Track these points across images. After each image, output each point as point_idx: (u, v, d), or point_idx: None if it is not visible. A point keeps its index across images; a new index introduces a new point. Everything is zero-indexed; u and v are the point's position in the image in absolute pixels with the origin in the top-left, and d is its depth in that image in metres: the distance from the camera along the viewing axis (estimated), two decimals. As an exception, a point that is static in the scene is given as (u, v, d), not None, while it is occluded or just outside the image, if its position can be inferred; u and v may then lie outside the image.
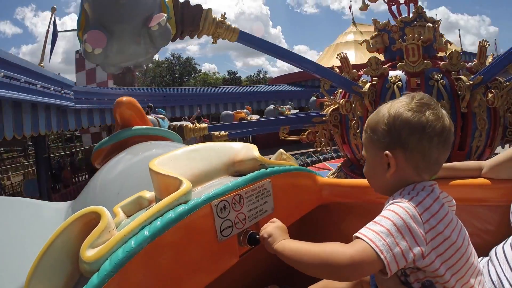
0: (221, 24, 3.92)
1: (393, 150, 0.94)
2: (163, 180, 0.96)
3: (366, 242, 0.82)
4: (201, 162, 1.12)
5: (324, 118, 4.94)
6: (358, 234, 0.86)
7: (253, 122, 7.04)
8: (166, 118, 5.72)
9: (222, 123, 8.75)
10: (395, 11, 5.10)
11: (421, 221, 0.85)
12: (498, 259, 1.00)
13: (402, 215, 0.85)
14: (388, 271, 0.81)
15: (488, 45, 4.51)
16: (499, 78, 4.11)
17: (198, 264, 0.94)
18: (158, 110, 8.25)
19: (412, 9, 4.90)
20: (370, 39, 4.99)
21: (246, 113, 12.12)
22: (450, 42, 4.98)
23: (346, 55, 4.76)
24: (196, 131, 5.20)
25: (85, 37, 2.83)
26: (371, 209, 0.98)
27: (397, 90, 4.17)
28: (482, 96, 4.01)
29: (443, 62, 4.36)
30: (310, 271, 0.88)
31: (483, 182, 1.26)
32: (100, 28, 2.85)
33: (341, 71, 4.78)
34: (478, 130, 4.12)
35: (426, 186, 0.94)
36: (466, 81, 4.02)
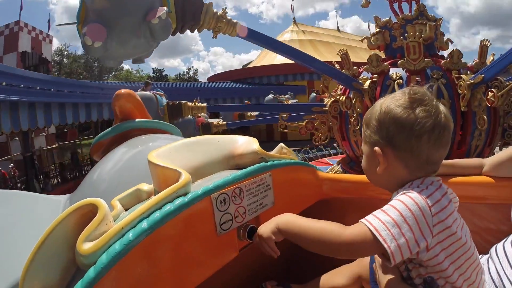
0: (221, 18, 3.90)
1: (383, 146, 0.93)
2: (162, 172, 0.94)
3: (369, 228, 0.83)
4: (201, 155, 1.10)
5: (323, 108, 4.92)
6: (363, 220, 0.87)
7: (252, 105, 6.90)
8: (164, 96, 5.68)
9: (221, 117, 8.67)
10: (397, 9, 5.09)
11: (430, 213, 0.85)
12: (499, 257, 1.00)
13: (411, 206, 0.84)
14: (392, 261, 0.82)
15: (489, 44, 4.50)
16: (500, 78, 4.10)
17: (197, 258, 0.93)
18: (156, 89, 8.17)
19: (413, 7, 4.89)
20: (371, 36, 4.97)
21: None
22: (451, 41, 4.97)
23: (347, 52, 4.74)
24: (195, 110, 5.14)
25: (84, 30, 2.81)
26: (372, 205, 0.98)
27: (397, 87, 4.17)
28: (483, 95, 4.01)
29: (444, 61, 4.35)
30: (310, 248, 0.92)
31: (484, 180, 1.26)
32: (100, 21, 2.84)
33: (341, 68, 4.77)
34: (478, 129, 4.12)
35: (434, 181, 0.93)
36: (467, 80, 4.01)
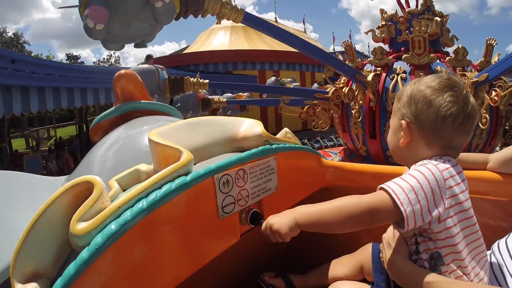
0: (226, 4, 3.84)
1: (409, 121, 0.97)
2: (163, 150, 0.90)
3: (388, 192, 0.88)
4: (203, 136, 1.07)
5: (326, 95, 4.87)
6: (382, 185, 0.90)
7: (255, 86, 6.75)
8: (164, 70, 5.61)
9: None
10: (403, 2, 5.03)
11: (445, 186, 0.88)
12: (501, 253, 0.99)
13: (428, 176, 0.87)
14: (405, 225, 0.85)
15: (495, 43, 4.46)
16: (504, 78, 4.07)
17: (197, 241, 0.90)
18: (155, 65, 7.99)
19: (420, 1, 4.84)
20: (376, 29, 4.92)
21: (248, 96, 11.87)
22: (457, 38, 4.93)
23: (350, 43, 4.70)
24: (196, 85, 5.00)
25: (86, 12, 2.76)
26: None
27: (400, 81, 4.13)
28: (486, 94, 3.98)
29: (449, 57, 4.31)
30: (334, 229, 0.94)
31: (488, 175, 1.24)
32: (102, 3, 2.78)
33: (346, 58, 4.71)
34: (479, 128, 4.10)
35: (452, 159, 0.95)
36: (471, 77, 3.98)
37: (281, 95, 5.54)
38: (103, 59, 49.56)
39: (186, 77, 5.06)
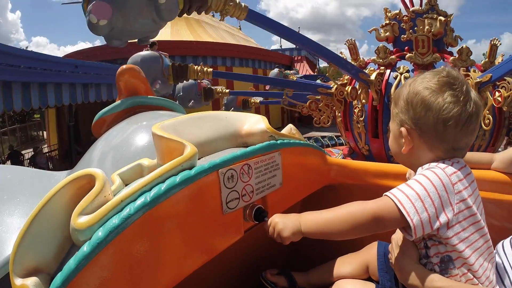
0: (230, 1, 3.82)
1: (409, 127, 0.92)
2: (167, 144, 0.88)
3: (392, 200, 0.84)
4: (207, 131, 1.05)
5: (329, 90, 4.84)
6: (387, 193, 0.87)
7: (257, 77, 6.59)
8: (167, 56, 5.57)
9: (225, 102, 8.42)
10: (407, 2, 5.01)
11: (453, 190, 0.84)
12: (506, 253, 0.97)
13: (435, 182, 0.84)
14: (413, 234, 0.83)
15: (499, 44, 4.44)
16: (507, 79, 4.05)
17: (201, 236, 0.88)
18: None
19: (424, 0, 4.81)
20: (380, 27, 4.90)
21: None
22: (461, 38, 4.90)
23: (354, 42, 4.68)
24: (200, 73, 4.93)
25: (89, 7, 2.75)
26: (380, 192, 0.95)
27: (404, 81, 4.12)
28: (490, 95, 3.96)
29: (453, 57, 4.29)
30: (339, 238, 0.92)
31: (492, 175, 1.23)
32: (105, -1, 2.77)
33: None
34: (482, 129, 4.08)
35: (460, 160, 0.92)
36: (474, 78, 3.96)
37: (284, 88, 5.49)
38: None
39: (190, 64, 5.02)
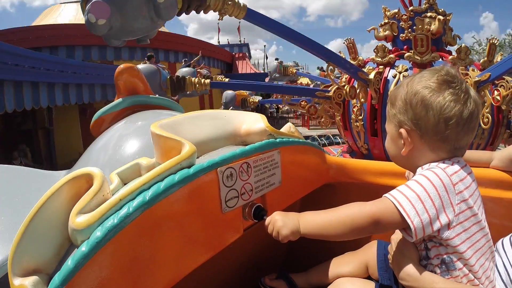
0: (228, 0, 3.82)
1: (409, 128, 0.90)
2: (165, 143, 0.88)
3: (392, 202, 0.83)
4: (206, 129, 1.04)
5: (327, 94, 4.83)
6: (387, 195, 0.86)
7: (253, 85, 6.49)
8: (166, 69, 5.54)
9: (224, 101, 8.41)
10: (406, 1, 5.00)
11: (454, 191, 0.83)
12: (505, 250, 0.97)
13: (435, 182, 0.83)
14: (414, 236, 0.82)
15: (497, 42, 4.44)
16: (506, 78, 4.05)
17: (200, 235, 0.88)
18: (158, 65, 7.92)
19: (423, -1, 4.81)
20: (379, 26, 4.90)
21: (249, 94, 11.87)
22: (459, 37, 4.90)
23: (353, 41, 4.68)
24: (198, 85, 4.88)
25: (88, 7, 2.75)
26: (380, 191, 0.94)
27: (403, 79, 4.12)
28: (488, 93, 3.96)
29: (451, 56, 4.28)
30: (338, 239, 0.91)
31: (491, 173, 1.23)
32: (104, -2, 2.77)
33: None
34: (481, 127, 4.08)
35: (460, 159, 0.91)
36: (473, 76, 3.96)
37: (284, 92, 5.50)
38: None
39: (187, 77, 5.00)
